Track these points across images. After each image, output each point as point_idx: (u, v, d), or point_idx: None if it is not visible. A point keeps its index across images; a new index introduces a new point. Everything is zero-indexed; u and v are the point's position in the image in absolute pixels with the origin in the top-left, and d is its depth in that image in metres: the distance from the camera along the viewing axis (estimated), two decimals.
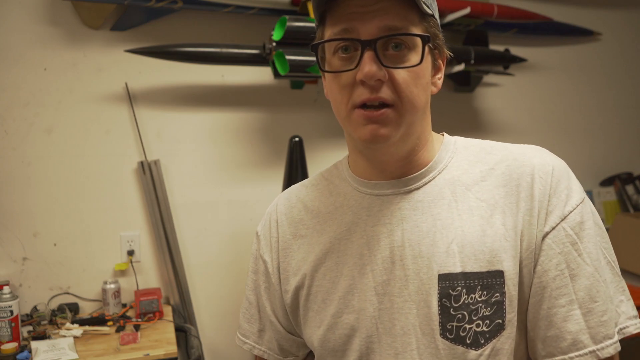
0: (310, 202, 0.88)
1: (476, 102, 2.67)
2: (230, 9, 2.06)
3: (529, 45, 2.71)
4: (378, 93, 0.70)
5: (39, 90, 2.00)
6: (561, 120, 2.83)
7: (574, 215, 0.73)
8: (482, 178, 0.77)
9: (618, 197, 2.88)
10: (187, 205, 2.20)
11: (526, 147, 0.80)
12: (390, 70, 0.71)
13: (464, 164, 0.79)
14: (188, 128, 2.20)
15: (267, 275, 0.90)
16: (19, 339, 1.73)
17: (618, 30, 2.92)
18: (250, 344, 0.93)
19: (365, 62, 0.69)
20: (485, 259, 0.73)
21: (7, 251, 1.99)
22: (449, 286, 0.73)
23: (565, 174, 0.76)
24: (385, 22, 0.70)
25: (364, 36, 0.70)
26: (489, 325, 0.72)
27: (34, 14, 1.98)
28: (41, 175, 2.02)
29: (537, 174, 0.75)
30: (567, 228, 0.73)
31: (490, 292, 0.72)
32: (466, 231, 0.74)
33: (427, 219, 0.76)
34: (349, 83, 0.72)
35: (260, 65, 2.04)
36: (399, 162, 0.78)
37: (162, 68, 2.10)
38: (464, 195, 0.76)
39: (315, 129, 2.34)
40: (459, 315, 0.72)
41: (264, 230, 0.92)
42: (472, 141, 0.83)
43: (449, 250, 0.74)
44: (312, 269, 0.83)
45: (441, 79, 0.80)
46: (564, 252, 0.72)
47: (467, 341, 0.72)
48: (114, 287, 1.99)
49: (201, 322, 2.20)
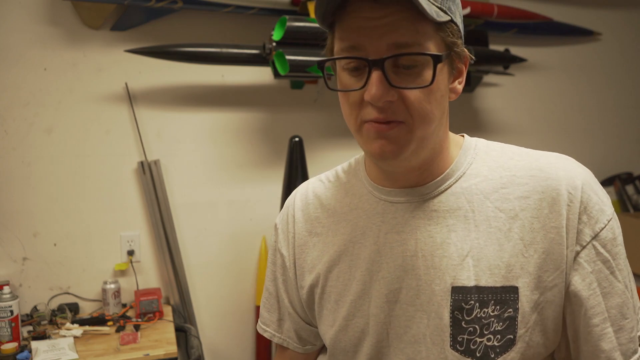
0: (326, 200, 0.87)
1: (476, 102, 2.67)
2: (230, 9, 2.06)
3: (529, 45, 2.71)
4: (387, 113, 0.67)
5: (39, 90, 2.00)
6: (561, 120, 2.83)
7: (605, 232, 0.71)
8: (503, 185, 0.74)
9: (618, 197, 2.87)
10: (187, 205, 2.20)
11: (552, 157, 0.76)
12: (401, 90, 0.67)
13: (483, 170, 0.76)
14: (188, 128, 2.20)
15: (284, 268, 0.90)
16: (19, 339, 1.73)
17: (618, 30, 2.91)
18: (270, 332, 0.94)
19: (372, 83, 0.66)
20: (501, 274, 0.71)
21: (7, 251, 1.99)
22: (461, 299, 0.72)
23: (595, 188, 0.73)
24: (394, 39, 0.65)
25: (372, 54, 0.66)
26: (500, 340, 0.71)
27: (34, 14, 1.98)
28: (41, 175, 2.02)
29: (565, 189, 0.71)
30: (599, 246, 0.71)
31: (504, 307, 0.71)
32: (482, 244, 0.72)
33: (441, 230, 0.74)
34: (358, 101, 0.69)
35: (260, 65, 2.04)
36: (413, 173, 0.76)
37: (162, 68, 2.09)
38: (482, 204, 0.74)
39: (315, 129, 2.34)
40: (470, 328, 0.72)
41: (282, 224, 0.92)
42: (494, 145, 0.80)
43: (463, 263, 0.72)
44: (326, 269, 0.83)
45: (462, 83, 0.76)
46: (596, 270, 0.71)
47: (477, 354, 0.72)
48: (114, 287, 1.99)
49: (201, 322, 2.20)
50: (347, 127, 0.75)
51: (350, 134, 0.75)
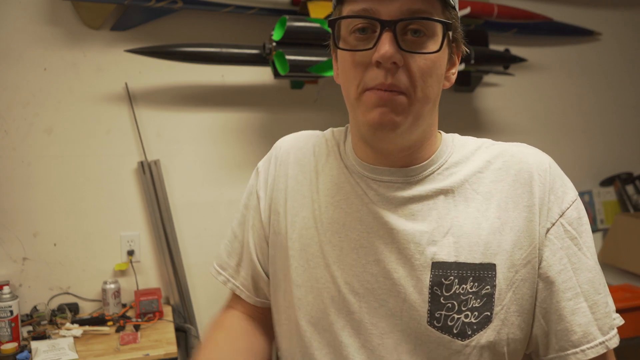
0: (319, 151, 0.87)
1: (476, 102, 2.67)
2: (230, 9, 2.06)
3: (529, 45, 2.71)
4: (392, 78, 0.69)
5: (39, 90, 2.00)
6: (561, 120, 2.83)
7: (570, 211, 0.75)
8: (479, 170, 0.78)
9: (618, 197, 2.88)
10: (187, 205, 2.20)
11: (522, 146, 0.81)
12: (407, 56, 0.69)
13: (462, 159, 0.80)
14: (188, 128, 2.20)
15: (257, 211, 0.89)
16: (18, 339, 1.73)
17: (618, 30, 2.91)
18: (225, 276, 0.94)
19: (383, 42, 0.67)
20: (479, 251, 0.73)
21: (7, 251, 1.99)
22: (441, 275, 0.73)
23: (560, 173, 0.78)
24: (407, 5, 0.68)
25: (384, 17, 0.68)
26: (477, 317, 0.72)
27: (34, 14, 1.98)
28: (41, 175, 2.02)
29: (536, 171, 0.76)
30: (566, 224, 0.75)
31: (482, 284, 0.73)
32: (462, 222, 0.75)
33: (422, 207, 0.76)
34: (363, 63, 0.70)
35: (260, 65, 2.04)
36: (402, 153, 0.77)
37: (162, 68, 2.10)
38: (461, 187, 0.77)
39: (315, 129, 2.30)
40: (448, 304, 0.73)
41: (264, 166, 0.91)
42: (469, 138, 0.84)
43: (444, 240, 0.74)
44: (301, 226, 0.82)
45: (455, 75, 0.79)
46: (565, 246, 0.74)
47: (454, 331, 0.72)
48: (114, 287, 1.99)
49: (201, 322, 2.19)
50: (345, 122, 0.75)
51: None
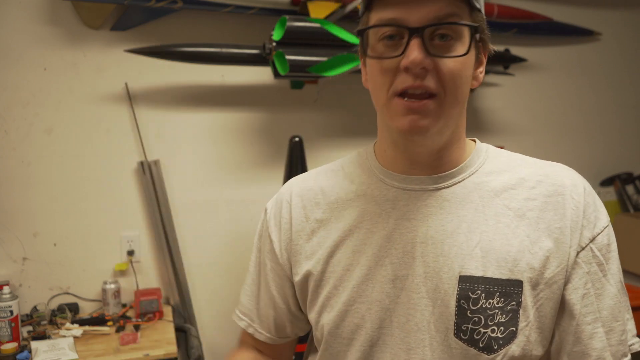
0: (329, 187, 0.87)
1: (476, 102, 2.67)
2: (230, 9, 2.06)
3: (529, 45, 2.71)
4: (422, 81, 0.70)
5: (39, 90, 2.00)
6: (561, 120, 2.83)
7: (601, 237, 0.76)
8: (512, 186, 0.78)
9: (618, 197, 2.88)
10: (187, 205, 2.20)
11: (557, 166, 0.81)
12: (436, 60, 0.70)
13: (494, 171, 0.80)
14: (188, 128, 2.20)
15: (273, 253, 0.89)
16: (18, 339, 1.73)
17: (618, 30, 2.91)
18: (246, 322, 0.94)
19: (412, 48, 0.69)
20: (507, 267, 0.74)
21: (7, 251, 1.99)
22: (468, 288, 0.73)
23: (594, 198, 0.78)
24: (434, 12, 0.69)
25: (412, 24, 0.70)
26: (503, 332, 0.73)
27: (34, 14, 1.98)
28: (41, 175, 2.02)
29: (570, 193, 0.76)
30: (595, 249, 0.75)
31: (508, 299, 0.73)
32: (491, 237, 0.75)
33: (452, 219, 0.77)
34: (392, 69, 0.72)
35: (260, 65, 2.04)
36: (432, 156, 0.78)
37: (162, 68, 2.10)
38: (492, 201, 0.77)
39: (315, 129, 2.34)
40: (475, 318, 0.73)
41: (274, 210, 0.91)
42: (503, 151, 0.84)
43: (472, 253, 0.74)
44: (327, 255, 0.83)
45: (482, 73, 0.79)
46: (591, 271, 0.75)
47: (480, 345, 0.73)
48: (114, 287, 1.99)
49: (201, 322, 2.20)
50: (350, 128, 0.75)
51: (350, 134, 0.75)
